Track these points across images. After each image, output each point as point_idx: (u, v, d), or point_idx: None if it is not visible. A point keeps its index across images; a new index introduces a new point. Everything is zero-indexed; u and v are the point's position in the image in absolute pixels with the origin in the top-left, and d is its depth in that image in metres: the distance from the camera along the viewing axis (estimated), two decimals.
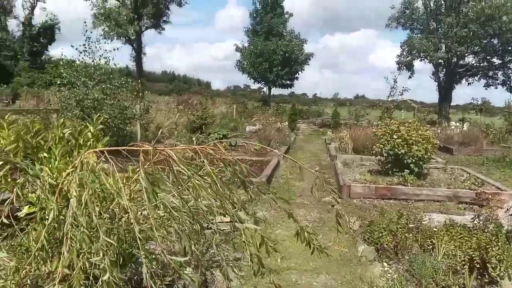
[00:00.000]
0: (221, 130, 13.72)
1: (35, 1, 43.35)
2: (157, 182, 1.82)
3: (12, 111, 10.23)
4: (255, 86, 47.80)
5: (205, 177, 1.98)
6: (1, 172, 3.58)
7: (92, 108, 9.60)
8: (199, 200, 1.88)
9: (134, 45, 37.63)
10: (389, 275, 4.06)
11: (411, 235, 4.44)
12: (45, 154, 3.30)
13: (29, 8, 43.40)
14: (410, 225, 4.60)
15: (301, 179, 8.54)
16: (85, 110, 9.55)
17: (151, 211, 1.74)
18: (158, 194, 2.02)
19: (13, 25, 45.01)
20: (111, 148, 2.13)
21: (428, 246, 4.34)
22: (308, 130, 24.45)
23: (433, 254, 4.12)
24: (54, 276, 2.72)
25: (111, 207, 2.70)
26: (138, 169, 2.22)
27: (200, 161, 2.01)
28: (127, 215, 2.48)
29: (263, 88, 45.00)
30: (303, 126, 26.19)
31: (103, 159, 2.39)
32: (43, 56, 44.44)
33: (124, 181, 2.75)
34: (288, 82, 40.52)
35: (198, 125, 14.74)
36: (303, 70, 40.27)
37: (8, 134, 3.39)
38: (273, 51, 36.76)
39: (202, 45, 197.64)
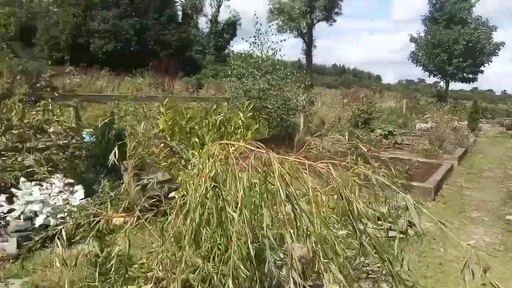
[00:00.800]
0: (387, 126, 12.78)
1: (221, 0, 47.83)
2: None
3: (190, 98, 11.37)
4: (430, 80, 43.70)
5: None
6: (161, 155, 3.76)
7: (258, 98, 9.94)
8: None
9: (305, 38, 38.35)
10: None
11: None
12: (196, 140, 3.36)
13: (216, 6, 48.15)
14: None
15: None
16: (252, 99, 9.94)
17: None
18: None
19: (202, 23, 50.61)
20: (227, 141, 1.91)
21: None
22: (492, 131, 21.15)
23: None
24: (188, 264, 2.70)
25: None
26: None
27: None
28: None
29: (439, 82, 40.77)
30: (486, 127, 22.78)
31: (255, 148, 2.22)
32: (226, 50, 48.85)
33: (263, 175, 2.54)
34: (471, 75, 35.69)
35: (363, 120, 14.03)
36: (490, 62, 34.95)
37: (165, 120, 3.58)
38: (454, 41, 32.82)
39: (374, 37, 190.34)
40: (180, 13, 46.22)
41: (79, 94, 7.38)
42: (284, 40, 11.11)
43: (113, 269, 2.30)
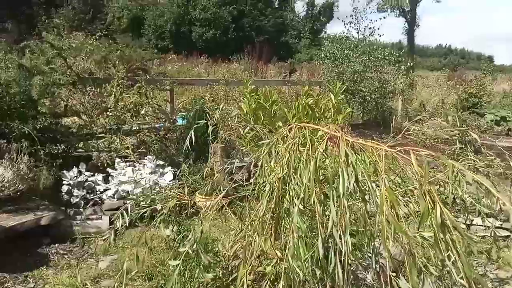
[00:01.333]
0: (499, 111, 11.35)
1: None
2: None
3: (281, 82, 11.21)
4: None
5: None
6: (248, 137, 3.65)
7: (352, 81, 9.43)
8: None
9: (407, 17, 35.87)
10: None
11: None
12: (280, 124, 3.17)
13: None
14: None
15: None
16: (345, 82, 9.46)
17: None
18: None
19: (299, 6, 49.97)
20: (304, 124, 1.67)
21: None
22: None
23: None
24: (267, 255, 2.53)
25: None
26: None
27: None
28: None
29: None
30: None
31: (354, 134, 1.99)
32: (321, 34, 47.67)
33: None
34: None
35: (470, 104, 12.65)
36: None
37: (249, 103, 3.43)
38: None
39: (485, 15, 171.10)
40: None
41: (173, 78, 7.64)
42: (384, 17, 10.39)
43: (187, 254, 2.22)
